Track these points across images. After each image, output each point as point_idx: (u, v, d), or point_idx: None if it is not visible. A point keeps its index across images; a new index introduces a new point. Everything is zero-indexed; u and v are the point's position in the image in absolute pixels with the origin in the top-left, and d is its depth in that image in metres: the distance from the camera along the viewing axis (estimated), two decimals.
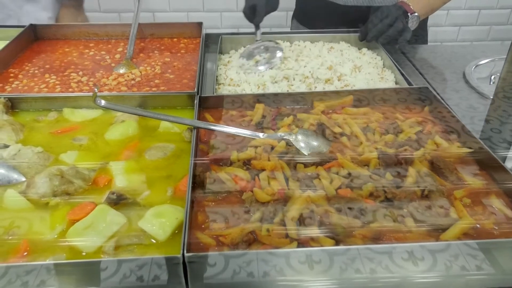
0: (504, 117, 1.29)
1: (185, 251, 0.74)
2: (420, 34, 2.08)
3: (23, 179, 0.99)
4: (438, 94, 1.33)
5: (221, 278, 0.74)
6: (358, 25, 1.76)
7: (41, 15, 1.96)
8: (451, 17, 3.87)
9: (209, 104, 1.27)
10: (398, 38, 1.59)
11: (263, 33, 1.73)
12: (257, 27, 1.64)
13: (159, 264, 0.75)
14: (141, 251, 0.82)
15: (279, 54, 1.56)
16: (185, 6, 3.59)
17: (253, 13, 1.63)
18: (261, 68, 1.50)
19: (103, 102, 1.05)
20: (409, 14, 1.63)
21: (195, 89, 1.30)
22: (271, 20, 1.76)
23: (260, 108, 1.22)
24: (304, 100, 1.30)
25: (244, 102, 1.29)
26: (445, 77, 1.59)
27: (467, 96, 1.44)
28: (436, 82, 1.54)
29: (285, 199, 0.92)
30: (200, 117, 1.21)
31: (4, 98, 1.21)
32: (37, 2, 1.95)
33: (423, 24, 2.09)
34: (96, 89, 1.04)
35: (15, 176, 0.98)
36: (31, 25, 1.74)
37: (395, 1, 1.79)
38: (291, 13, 3.65)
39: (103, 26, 1.81)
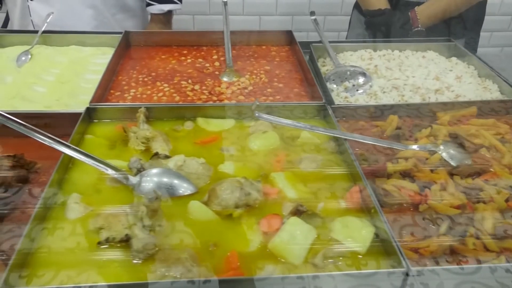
0: None
1: (408, 265, 0.77)
2: (471, 40, 2.12)
3: (196, 190, 1.01)
4: None
5: None
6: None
7: (130, 23, 1.98)
8: (484, 23, 3.91)
9: (336, 114, 1.29)
10: None
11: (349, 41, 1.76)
12: None
13: (382, 278, 0.77)
14: (347, 263, 0.85)
15: (364, 79, 1.53)
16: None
17: None
18: (350, 94, 1.47)
19: (264, 115, 1.08)
20: None
21: (324, 100, 1.32)
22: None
23: (394, 119, 1.24)
24: (427, 111, 1.33)
25: (370, 113, 1.31)
26: None
27: None
28: None
29: (464, 210, 0.95)
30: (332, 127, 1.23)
31: (144, 107, 1.22)
32: (128, 10, 1.97)
33: (475, 33, 2.14)
34: (257, 102, 1.06)
35: (189, 187, 1.00)
36: (125, 32, 1.74)
37: None
38: None
39: (193, 34, 1.83)
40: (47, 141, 0.95)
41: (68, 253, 0.84)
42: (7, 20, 2.17)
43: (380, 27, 1.96)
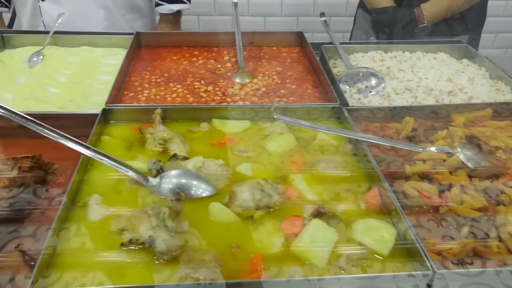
0: None
1: (434, 267, 0.77)
2: (473, 40, 2.12)
3: (216, 191, 1.01)
4: None
5: None
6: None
7: (139, 24, 1.98)
8: (488, 24, 3.92)
9: (351, 116, 1.29)
10: None
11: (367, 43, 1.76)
12: None
13: (408, 280, 0.77)
14: (370, 265, 0.85)
15: (376, 80, 1.53)
16: (230, 10, 3.59)
17: None
18: (363, 95, 1.48)
19: (283, 117, 1.08)
20: None
21: (338, 101, 1.32)
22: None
23: (410, 121, 1.24)
24: (442, 112, 1.33)
25: (385, 114, 1.31)
26: None
27: None
28: None
29: (485, 213, 0.95)
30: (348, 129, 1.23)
31: (160, 108, 1.22)
32: (138, 11, 1.97)
33: (476, 36, 2.15)
34: (275, 103, 1.06)
35: (209, 188, 1.00)
36: (137, 32, 1.74)
37: None
38: None
39: (204, 34, 1.83)
40: (68, 143, 0.95)
41: (92, 255, 0.84)
42: (12, 20, 2.16)
43: (387, 25, 1.97)
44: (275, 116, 1.09)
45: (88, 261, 0.83)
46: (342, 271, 0.83)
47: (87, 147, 0.98)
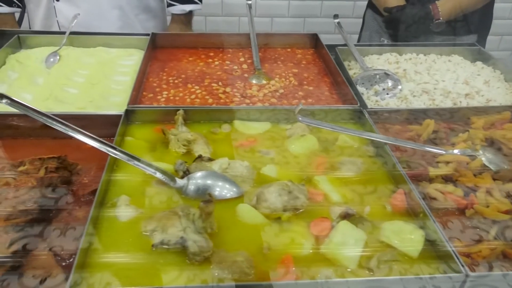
0: None
1: (467, 269, 0.77)
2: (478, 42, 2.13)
3: (242, 193, 1.01)
4: None
5: None
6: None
7: (151, 24, 1.99)
8: (494, 26, 3.93)
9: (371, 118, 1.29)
10: None
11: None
12: None
13: (440, 282, 0.78)
14: (400, 268, 0.85)
15: (393, 82, 1.54)
16: (237, 11, 3.61)
17: None
18: (380, 97, 1.48)
19: (307, 119, 1.08)
20: None
21: (358, 104, 1.32)
22: None
23: (430, 124, 1.25)
24: (460, 115, 1.34)
25: (406, 117, 1.32)
26: None
27: None
28: None
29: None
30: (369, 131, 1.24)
31: (182, 109, 1.22)
32: (150, 11, 1.98)
33: (482, 38, 2.16)
34: (300, 105, 1.07)
35: (237, 189, 1.01)
36: (152, 33, 1.75)
37: None
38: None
39: (219, 36, 1.83)
40: (97, 145, 0.95)
41: (124, 255, 0.85)
42: (20, 20, 2.16)
43: (402, 23, 1.97)
44: (299, 118, 1.09)
45: (121, 262, 0.84)
46: (372, 273, 0.83)
47: (114, 148, 0.98)
